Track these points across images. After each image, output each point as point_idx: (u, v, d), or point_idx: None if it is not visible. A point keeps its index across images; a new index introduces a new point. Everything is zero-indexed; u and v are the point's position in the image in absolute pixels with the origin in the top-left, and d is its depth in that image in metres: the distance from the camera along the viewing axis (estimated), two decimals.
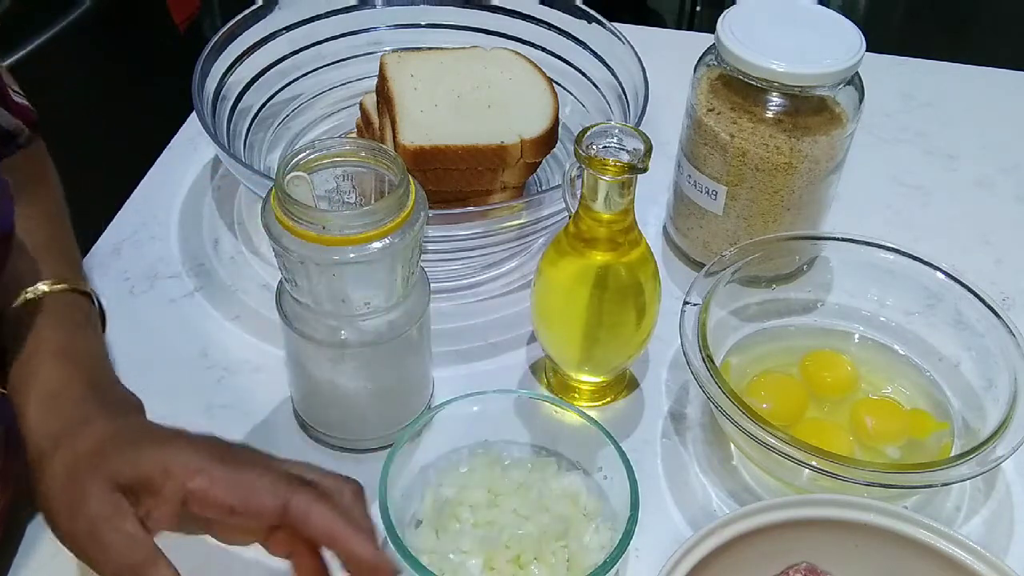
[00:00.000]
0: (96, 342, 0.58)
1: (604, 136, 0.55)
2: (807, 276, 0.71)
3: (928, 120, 0.94)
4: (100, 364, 0.56)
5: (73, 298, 0.58)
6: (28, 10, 1.01)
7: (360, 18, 0.85)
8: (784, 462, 0.56)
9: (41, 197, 0.64)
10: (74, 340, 0.55)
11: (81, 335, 0.56)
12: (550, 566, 0.53)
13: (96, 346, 0.57)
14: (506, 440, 0.60)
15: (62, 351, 0.54)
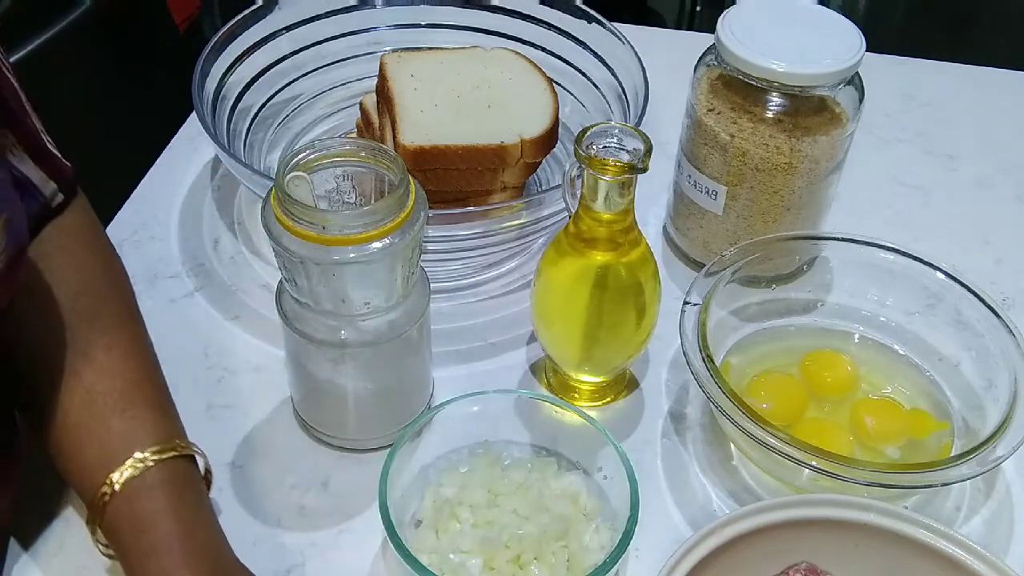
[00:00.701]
0: (212, 522, 0.52)
1: (604, 136, 0.55)
2: (807, 276, 0.71)
3: (928, 120, 0.94)
4: (222, 555, 0.51)
5: (182, 466, 0.52)
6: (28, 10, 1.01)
7: (360, 18, 0.85)
8: (784, 462, 0.56)
9: (113, 308, 0.57)
10: (194, 532, 0.50)
11: (198, 520, 0.51)
12: (550, 566, 0.53)
13: (214, 530, 0.52)
14: (506, 440, 0.60)
15: (184, 549, 0.49)
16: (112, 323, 0.56)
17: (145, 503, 0.50)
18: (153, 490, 0.50)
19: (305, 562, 0.57)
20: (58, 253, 0.57)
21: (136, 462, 0.50)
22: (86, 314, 0.55)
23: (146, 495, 0.50)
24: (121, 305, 0.58)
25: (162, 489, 0.50)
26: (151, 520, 0.49)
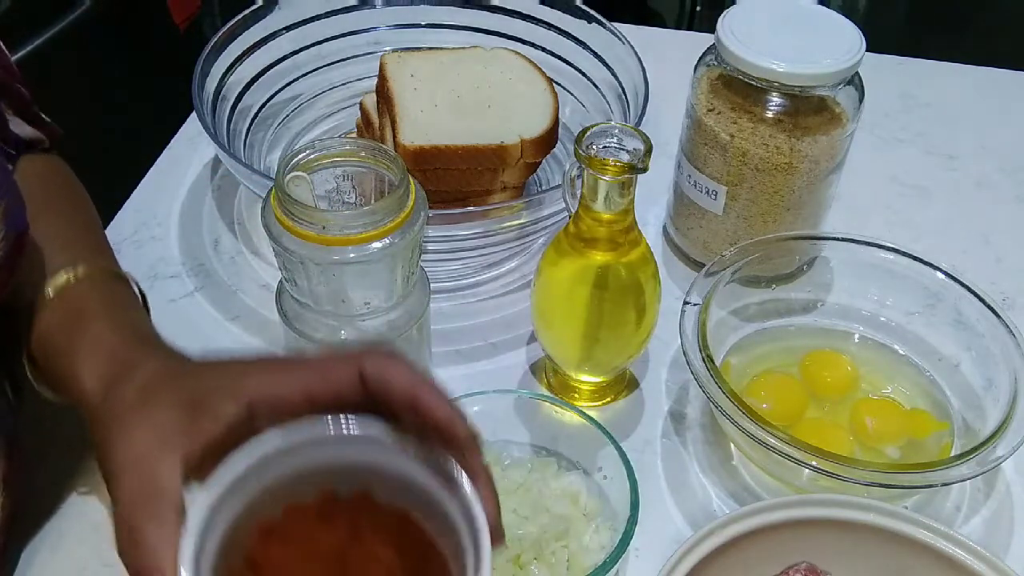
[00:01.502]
0: (143, 314, 0.55)
1: (604, 136, 0.55)
2: (807, 276, 0.71)
3: (928, 120, 0.94)
4: (149, 326, 0.53)
5: (114, 282, 0.56)
6: (28, 10, 1.01)
7: (360, 18, 0.85)
8: (784, 462, 0.56)
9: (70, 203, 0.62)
10: (118, 309, 0.53)
11: (124, 307, 0.54)
12: (550, 566, 0.53)
13: (143, 316, 0.55)
14: (506, 440, 0.60)
15: (108, 315, 0.51)
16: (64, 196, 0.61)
17: (73, 297, 0.52)
18: (83, 291, 0.53)
19: None
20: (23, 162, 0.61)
21: (72, 273, 0.53)
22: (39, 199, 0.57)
23: (76, 294, 0.52)
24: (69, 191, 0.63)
25: (93, 288, 0.53)
26: (78, 304, 0.52)
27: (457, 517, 0.37)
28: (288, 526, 0.38)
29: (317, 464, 0.38)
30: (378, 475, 0.38)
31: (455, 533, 0.36)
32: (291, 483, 0.38)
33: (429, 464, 0.37)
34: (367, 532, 0.38)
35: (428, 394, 0.38)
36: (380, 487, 0.39)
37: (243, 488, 0.37)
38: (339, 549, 0.37)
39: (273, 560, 0.37)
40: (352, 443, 0.38)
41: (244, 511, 0.37)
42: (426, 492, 0.37)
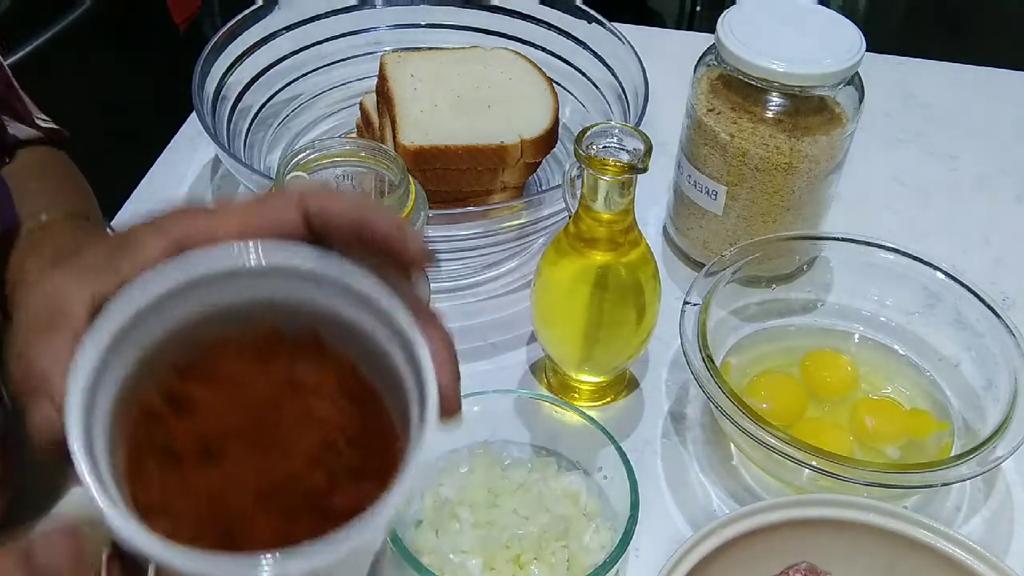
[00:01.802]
0: None
1: (604, 136, 0.55)
2: (807, 276, 0.71)
3: (928, 120, 0.94)
4: None
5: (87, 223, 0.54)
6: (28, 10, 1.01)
7: (360, 18, 0.85)
8: (784, 462, 0.56)
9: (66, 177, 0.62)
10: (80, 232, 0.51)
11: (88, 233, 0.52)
12: (550, 566, 0.53)
13: None
14: (506, 440, 0.60)
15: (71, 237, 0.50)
16: None
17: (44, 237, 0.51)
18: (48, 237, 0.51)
19: None
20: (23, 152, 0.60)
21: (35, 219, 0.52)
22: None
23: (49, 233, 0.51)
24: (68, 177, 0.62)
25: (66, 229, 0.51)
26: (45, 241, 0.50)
27: (405, 371, 0.33)
28: (218, 362, 0.33)
29: (255, 299, 0.33)
30: (324, 318, 0.34)
31: (402, 389, 0.33)
32: (225, 316, 0.33)
33: (376, 309, 0.33)
34: (308, 379, 0.33)
35: (373, 215, 0.34)
36: (327, 330, 0.34)
37: (161, 314, 0.32)
38: (275, 395, 0.33)
39: (195, 398, 0.32)
40: (293, 276, 0.33)
41: (165, 342, 0.32)
42: (373, 341, 0.33)
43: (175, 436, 0.31)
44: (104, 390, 0.31)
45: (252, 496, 0.31)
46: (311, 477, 0.31)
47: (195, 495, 0.31)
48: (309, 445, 0.32)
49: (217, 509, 0.30)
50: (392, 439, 0.33)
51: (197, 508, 0.30)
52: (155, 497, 0.30)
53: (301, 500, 0.31)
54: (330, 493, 0.31)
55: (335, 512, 0.30)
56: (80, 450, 0.29)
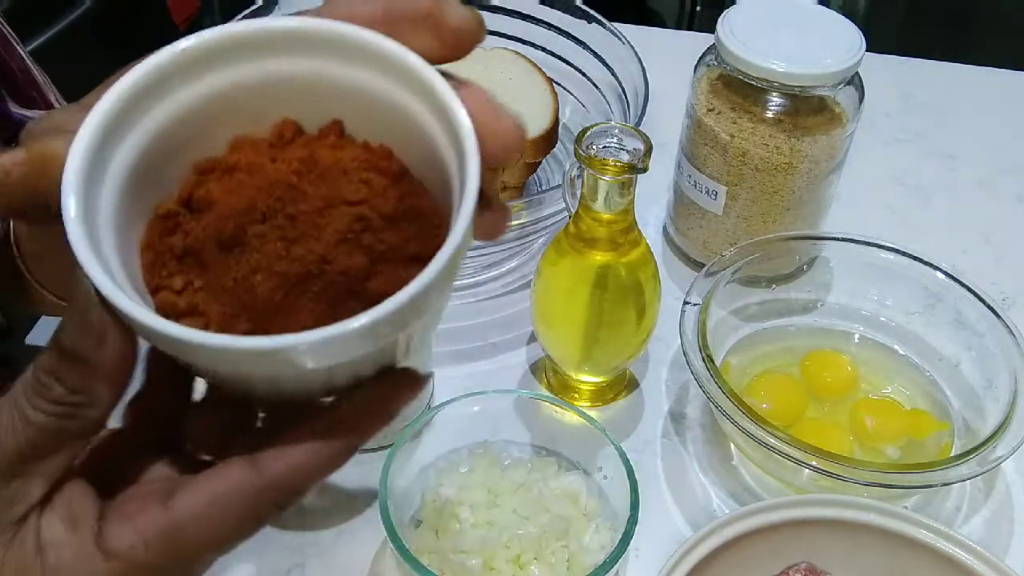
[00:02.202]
0: None
1: (604, 136, 0.55)
2: (807, 276, 0.71)
3: (928, 120, 0.94)
4: None
5: None
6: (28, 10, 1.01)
7: None
8: (784, 462, 0.56)
9: None
10: None
11: None
12: (550, 566, 0.53)
13: None
14: (506, 440, 0.60)
15: None
16: None
17: None
18: None
19: (305, 562, 0.57)
20: None
21: None
22: None
23: None
24: None
25: None
26: None
27: (442, 142, 0.30)
28: (233, 160, 0.30)
29: (272, 82, 0.30)
30: (349, 98, 0.30)
31: (443, 163, 0.30)
32: (236, 111, 0.30)
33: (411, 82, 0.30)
34: (332, 159, 0.30)
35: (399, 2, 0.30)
36: (353, 115, 0.31)
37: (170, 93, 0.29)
38: (296, 177, 0.29)
39: (213, 197, 0.29)
40: (314, 49, 0.30)
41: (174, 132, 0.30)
42: (404, 113, 0.30)
43: (193, 235, 0.29)
44: (110, 183, 0.28)
45: (286, 284, 0.28)
46: (348, 258, 0.28)
47: (223, 293, 0.28)
48: (340, 224, 0.28)
49: (249, 304, 0.28)
50: (434, 219, 0.30)
51: (227, 306, 0.28)
52: (180, 303, 0.28)
53: (341, 283, 0.28)
54: (371, 274, 0.28)
55: (377, 296, 0.27)
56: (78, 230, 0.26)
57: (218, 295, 0.28)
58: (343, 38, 0.29)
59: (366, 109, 0.30)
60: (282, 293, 0.28)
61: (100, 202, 0.28)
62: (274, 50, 0.30)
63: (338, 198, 0.29)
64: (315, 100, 0.30)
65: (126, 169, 0.29)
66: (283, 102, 0.30)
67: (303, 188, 0.29)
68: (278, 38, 0.30)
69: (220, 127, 0.30)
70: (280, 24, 0.30)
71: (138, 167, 0.29)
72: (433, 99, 0.29)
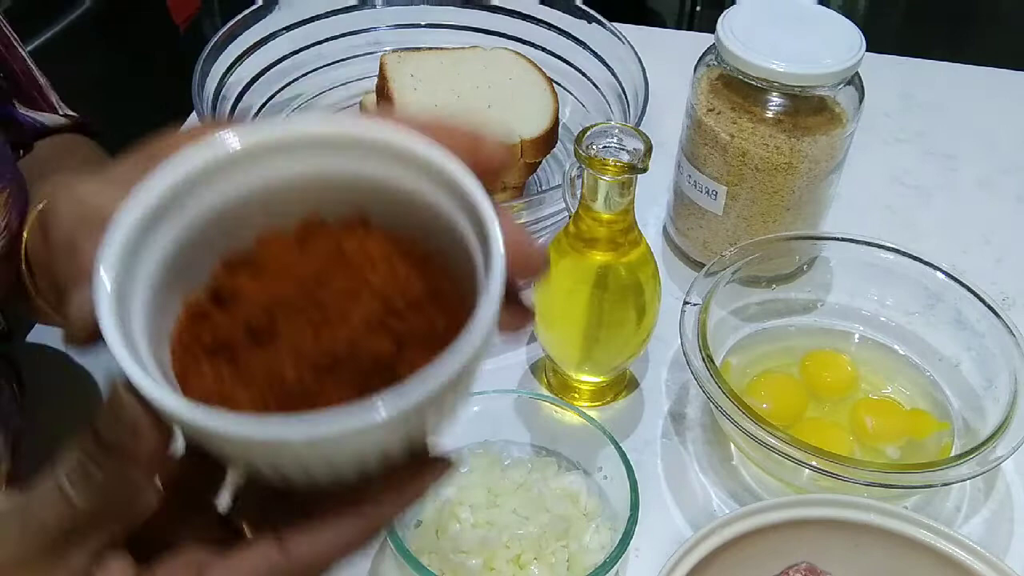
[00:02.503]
0: None
1: (604, 136, 0.55)
2: (807, 276, 0.71)
3: (928, 120, 0.94)
4: None
5: None
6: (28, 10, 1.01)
7: (360, 18, 0.85)
8: (784, 462, 0.56)
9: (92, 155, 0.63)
10: None
11: None
12: (550, 566, 0.53)
13: None
14: (506, 440, 0.60)
15: None
16: None
17: None
18: None
19: None
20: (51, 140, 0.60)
21: None
22: None
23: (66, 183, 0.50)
24: None
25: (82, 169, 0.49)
26: None
27: (468, 234, 0.30)
28: (261, 255, 0.31)
29: (297, 179, 0.31)
30: (374, 193, 0.31)
31: (468, 254, 0.30)
32: (267, 202, 0.31)
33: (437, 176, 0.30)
34: (358, 251, 0.31)
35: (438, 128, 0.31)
36: (378, 208, 0.32)
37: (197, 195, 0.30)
38: (324, 269, 0.30)
39: (242, 290, 0.30)
40: (340, 148, 0.31)
41: (203, 229, 0.31)
42: (430, 208, 0.31)
43: (223, 328, 0.30)
44: (142, 274, 0.29)
45: (315, 371, 0.28)
46: (375, 342, 0.29)
47: (253, 381, 0.29)
48: (367, 310, 0.29)
49: (279, 392, 0.28)
50: (458, 303, 0.30)
51: (257, 394, 0.29)
52: (211, 395, 0.29)
53: (370, 367, 0.29)
54: (398, 359, 0.29)
55: (405, 379, 0.27)
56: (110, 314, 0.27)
57: (248, 385, 0.29)
58: (366, 137, 0.30)
59: (389, 201, 0.31)
60: (311, 379, 0.28)
61: (132, 293, 0.29)
62: (306, 149, 0.31)
63: (364, 285, 0.30)
64: (339, 192, 0.31)
65: (159, 263, 0.30)
66: (308, 195, 0.31)
67: (330, 278, 0.30)
68: (313, 140, 0.31)
69: (247, 221, 0.31)
70: (319, 127, 0.31)
71: (170, 261, 0.30)
72: (457, 189, 0.30)
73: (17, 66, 0.60)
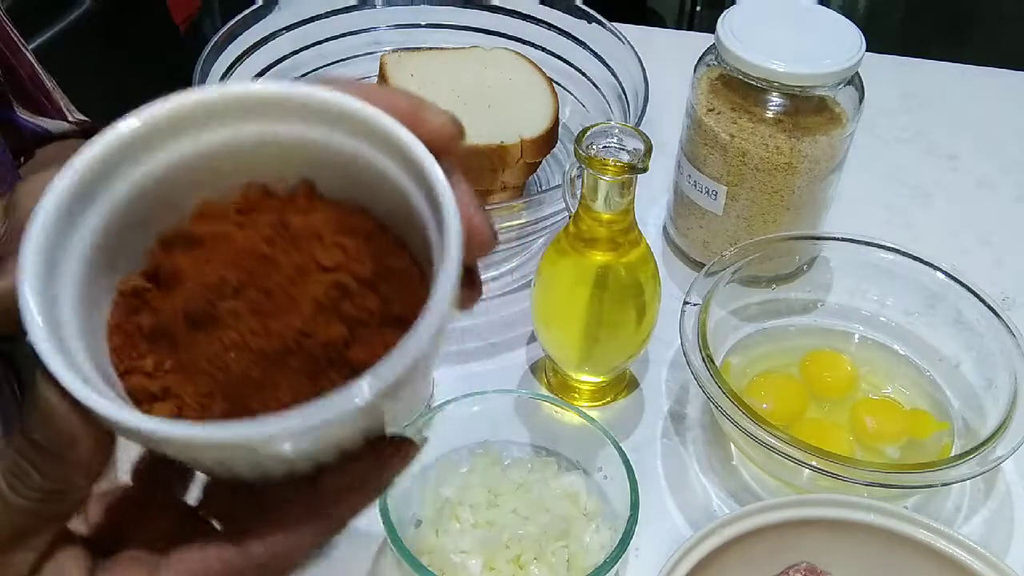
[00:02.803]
0: None
1: (604, 136, 0.55)
2: (807, 276, 0.71)
3: (928, 120, 0.94)
4: None
5: None
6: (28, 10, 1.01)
7: (360, 18, 0.85)
8: (784, 462, 0.56)
9: None
10: None
11: None
12: (550, 566, 0.53)
13: None
14: (506, 440, 0.60)
15: None
16: None
17: None
18: None
19: None
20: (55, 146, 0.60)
21: None
22: None
23: None
24: None
25: None
26: None
27: (423, 209, 0.28)
28: (199, 230, 0.28)
29: (237, 147, 0.29)
30: (319, 160, 0.29)
31: (422, 227, 0.28)
32: (201, 177, 0.29)
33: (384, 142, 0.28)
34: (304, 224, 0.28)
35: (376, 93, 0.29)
36: (322, 176, 0.29)
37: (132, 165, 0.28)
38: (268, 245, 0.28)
39: (180, 270, 0.28)
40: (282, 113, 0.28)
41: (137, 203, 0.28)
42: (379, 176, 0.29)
43: (162, 314, 0.27)
44: (71, 258, 0.27)
45: (263, 361, 0.27)
46: (327, 328, 0.27)
47: (197, 373, 0.27)
48: (317, 292, 0.27)
49: (225, 383, 0.27)
50: (411, 280, 0.29)
51: (202, 387, 0.27)
52: (153, 387, 0.27)
53: (322, 355, 0.27)
54: (351, 343, 0.27)
55: (359, 365, 0.26)
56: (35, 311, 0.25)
57: (192, 376, 0.27)
58: (307, 100, 0.28)
59: (335, 167, 0.29)
60: (259, 370, 0.27)
61: (61, 287, 0.27)
62: (235, 115, 0.28)
63: (312, 265, 0.28)
64: (281, 162, 0.29)
65: (88, 248, 0.27)
66: (249, 165, 0.29)
67: (275, 257, 0.28)
68: (252, 103, 0.28)
69: (184, 196, 0.29)
70: (257, 89, 0.28)
71: (100, 244, 0.28)
72: (405, 155, 0.28)
73: (24, 71, 0.60)
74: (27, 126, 0.60)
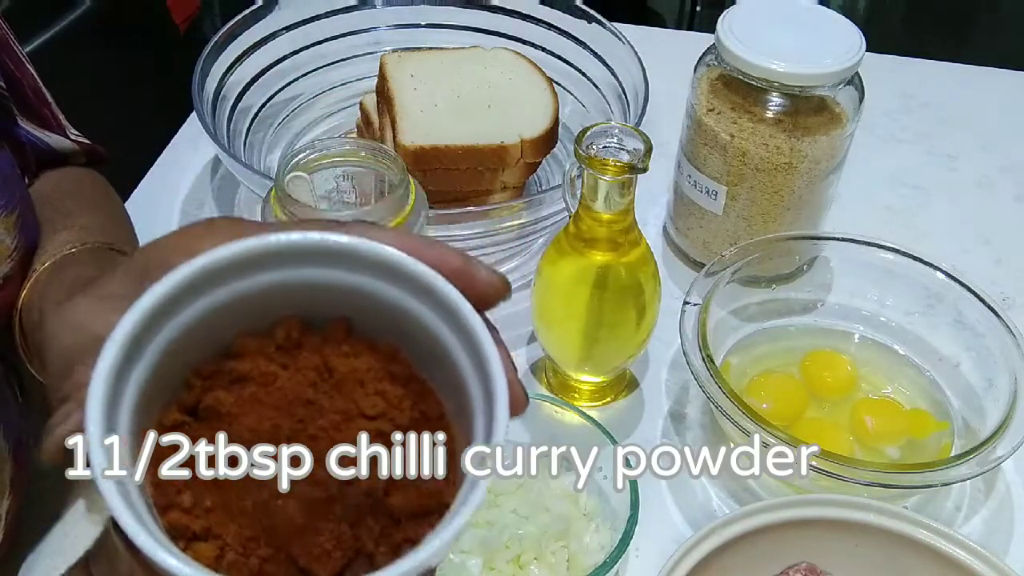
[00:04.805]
0: None
1: (604, 136, 0.55)
2: (807, 276, 0.71)
3: (928, 120, 0.94)
4: None
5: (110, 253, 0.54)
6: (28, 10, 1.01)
7: (360, 18, 0.85)
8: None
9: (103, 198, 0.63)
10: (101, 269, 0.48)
11: None
12: (550, 566, 0.53)
13: None
14: (506, 440, 0.60)
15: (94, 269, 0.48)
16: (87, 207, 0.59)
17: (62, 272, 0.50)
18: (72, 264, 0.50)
19: None
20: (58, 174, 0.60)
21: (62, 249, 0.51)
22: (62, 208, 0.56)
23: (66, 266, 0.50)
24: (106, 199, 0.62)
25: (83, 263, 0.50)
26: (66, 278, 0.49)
27: (463, 363, 0.29)
28: (242, 366, 0.29)
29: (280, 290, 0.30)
30: (358, 304, 0.30)
31: (457, 376, 0.29)
32: (246, 313, 0.30)
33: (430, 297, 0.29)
34: (344, 367, 0.29)
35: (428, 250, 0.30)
36: (363, 317, 0.30)
37: (182, 312, 0.29)
38: (310, 388, 0.29)
39: (222, 405, 0.28)
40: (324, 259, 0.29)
41: (185, 344, 0.29)
42: (417, 323, 0.29)
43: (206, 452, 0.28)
44: (124, 407, 0.27)
45: (309, 507, 0.27)
46: (369, 476, 0.28)
47: (241, 515, 0.27)
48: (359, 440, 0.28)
49: (269, 527, 0.27)
50: (444, 427, 0.30)
51: (245, 529, 0.27)
52: (194, 526, 0.27)
53: (364, 503, 0.28)
54: (391, 490, 0.28)
55: (398, 512, 0.27)
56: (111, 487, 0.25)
57: (235, 516, 0.27)
58: (363, 253, 0.29)
59: (376, 311, 0.30)
60: (304, 516, 0.27)
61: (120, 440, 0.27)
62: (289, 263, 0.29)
63: (355, 411, 0.29)
64: (322, 302, 0.30)
65: (139, 391, 0.28)
66: (289, 301, 0.30)
67: (320, 402, 0.29)
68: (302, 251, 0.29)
69: (223, 329, 0.30)
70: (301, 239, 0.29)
71: (144, 390, 0.28)
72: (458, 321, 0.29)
73: (27, 83, 0.60)
74: (28, 140, 0.60)
